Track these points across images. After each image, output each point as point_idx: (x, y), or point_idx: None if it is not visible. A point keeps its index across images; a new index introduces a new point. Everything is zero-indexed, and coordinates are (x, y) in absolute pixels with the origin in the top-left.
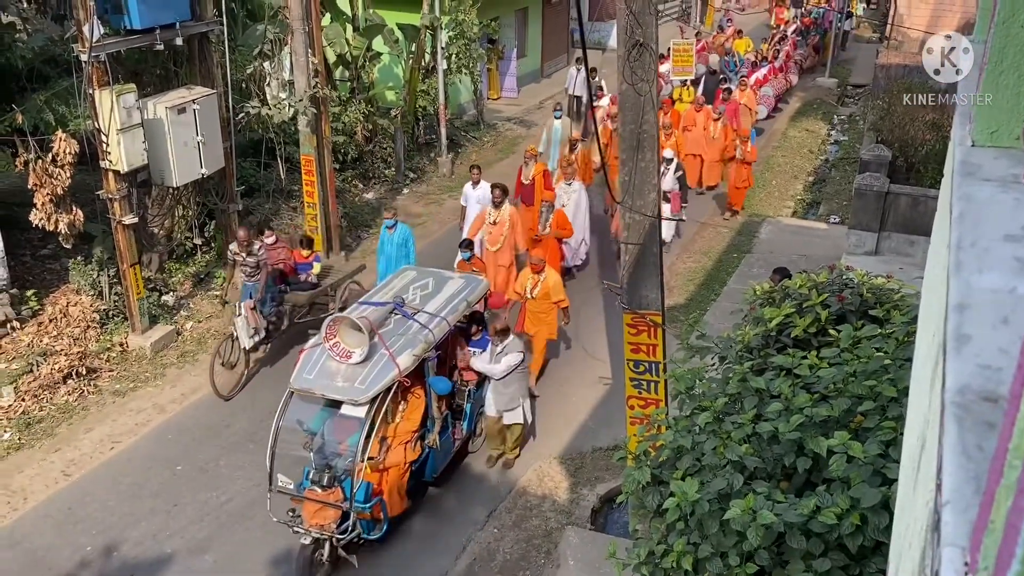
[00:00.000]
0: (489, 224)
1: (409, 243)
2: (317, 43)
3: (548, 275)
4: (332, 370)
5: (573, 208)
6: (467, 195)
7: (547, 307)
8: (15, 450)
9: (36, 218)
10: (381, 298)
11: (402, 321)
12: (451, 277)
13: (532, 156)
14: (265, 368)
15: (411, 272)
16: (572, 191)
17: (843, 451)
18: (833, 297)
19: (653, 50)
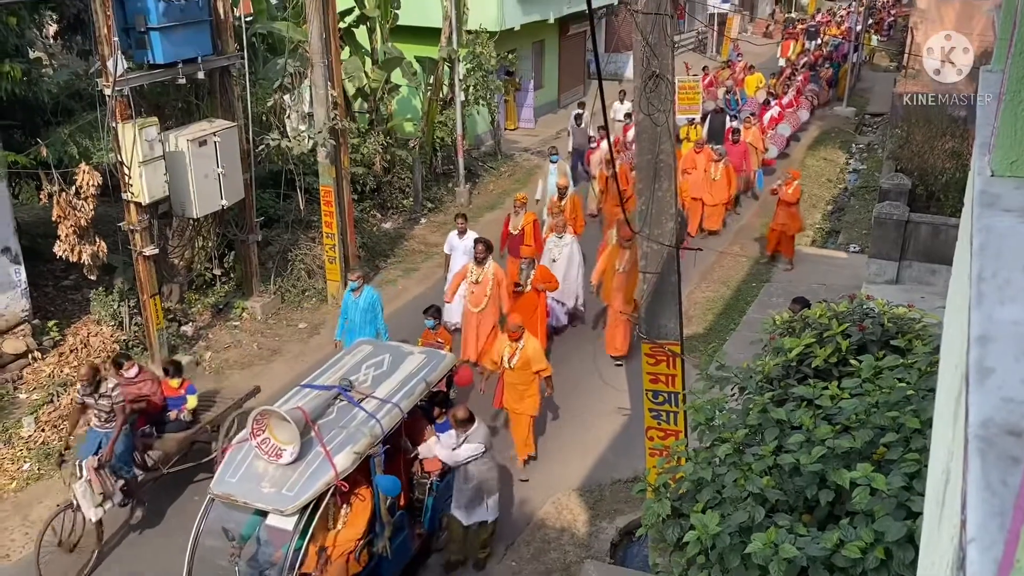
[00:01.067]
0: (471, 282)
1: (376, 307)
2: (336, 76)
3: (527, 342)
4: (259, 472)
5: (565, 263)
6: (452, 244)
7: (528, 378)
8: (34, 480)
9: (59, 249)
10: (327, 379)
11: (347, 409)
12: (411, 352)
13: (522, 204)
14: None
15: (366, 347)
16: (564, 244)
17: (866, 483)
18: (854, 327)
19: (670, 81)
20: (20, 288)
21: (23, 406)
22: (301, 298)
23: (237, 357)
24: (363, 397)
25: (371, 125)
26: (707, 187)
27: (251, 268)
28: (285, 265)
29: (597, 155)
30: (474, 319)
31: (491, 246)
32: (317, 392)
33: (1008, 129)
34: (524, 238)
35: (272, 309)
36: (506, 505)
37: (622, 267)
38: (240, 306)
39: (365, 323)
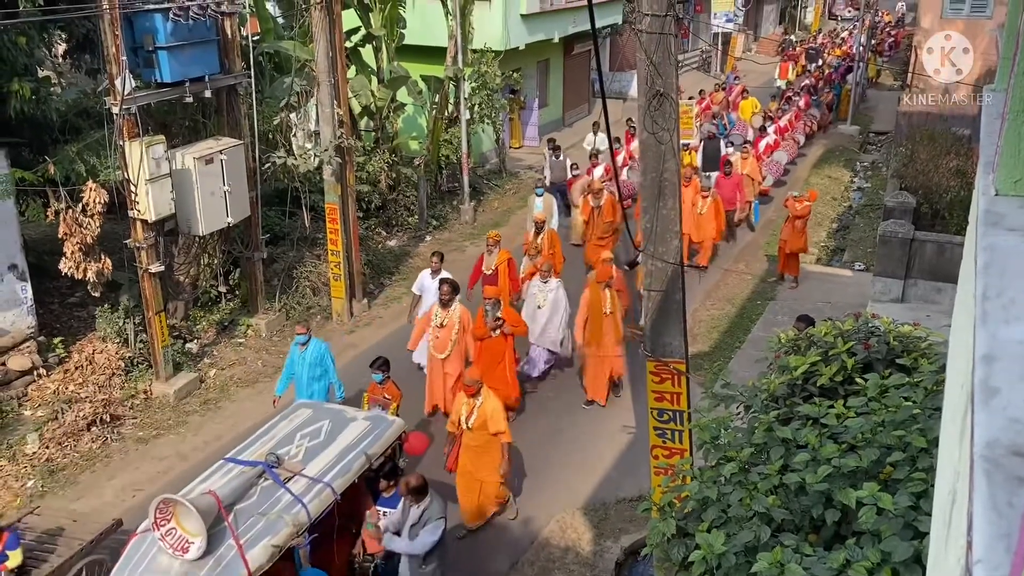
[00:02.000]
0: (435, 327)
1: (326, 361)
2: (343, 95)
3: (485, 399)
4: (163, 568)
5: (550, 309)
6: (424, 284)
7: (486, 440)
8: (39, 498)
9: (65, 266)
10: (255, 452)
11: (271, 490)
12: (353, 419)
13: (495, 243)
14: None
15: (305, 411)
16: (549, 289)
17: (873, 503)
18: (859, 345)
19: (674, 99)
20: (26, 305)
21: (28, 423)
22: (306, 315)
23: (242, 374)
24: (290, 476)
25: (377, 143)
26: (693, 222)
27: (256, 285)
28: (290, 282)
29: (580, 183)
30: (439, 366)
31: (457, 287)
32: (241, 468)
33: (1012, 148)
34: (498, 278)
35: (277, 326)
36: (509, 524)
37: (608, 309)
38: (245, 323)
39: (314, 379)
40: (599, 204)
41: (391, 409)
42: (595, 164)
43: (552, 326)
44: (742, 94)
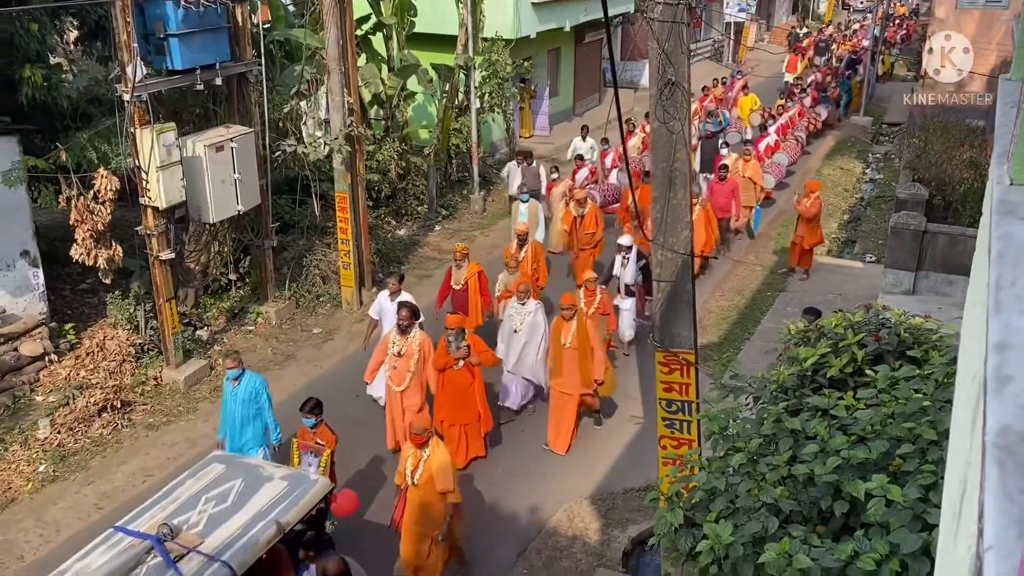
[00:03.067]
0: (392, 355)
1: (261, 399)
2: (353, 83)
3: (433, 452)
4: None
5: (527, 334)
6: (382, 307)
7: (434, 498)
8: (50, 482)
9: (76, 253)
10: (151, 519)
11: (158, 571)
12: (271, 477)
13: (463, 256)
14: None
15: (217, 468)
16: (527, 312)
17: (882, 495)
18: (869, 337)
19: (685, 89)
20: (38, 291)
21: (39, 408)
22: (316, 303)
23: (252, 362)
24: (183, 553)
25: (386, 132)
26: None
27: (266, 273)
28: (300, 271)
29: (559, 188)
30: (397, 400)
31: (417, 311)
32: (131, 541)
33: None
34: (468, 294)
35: (287, 314)
36: (517, 512)
37: (566, 341)
38: (255, 311)
39: (248, 418)
40: (581, 213)
41: (324, 456)
42: (579, 167)
43: (529, 353)
44: (743, 90)
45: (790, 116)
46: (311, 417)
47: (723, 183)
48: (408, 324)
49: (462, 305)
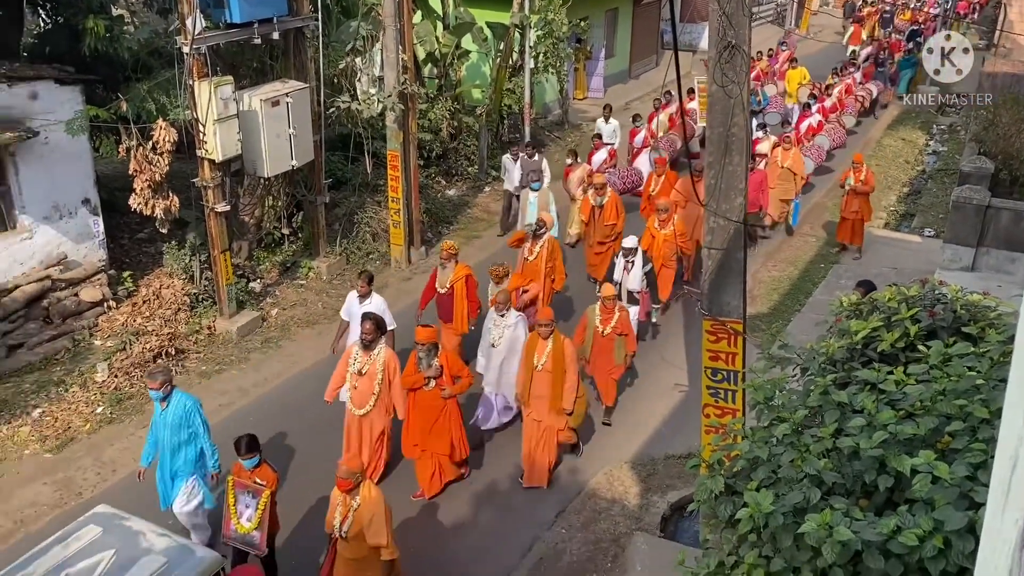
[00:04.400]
0: (354, 373)
1: (194, 421)
2: (408, 40)
3: (364, 501)
4: None
5: (506, 348)
6: (351, 310)
7: (366, 553)
8: (107, 423)
9: (135, 203)
10: None
11: None
12: (149, 550)
13: (449, 256)
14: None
15: (93, 531)
16: (506, 325)
17: (928, 471)
18: (924, 312)
19: (745, 52)
20: (98, 239)
21: (98, 352)
22: (365, 260)
23: (302, 315)
24: None
25: (439, 91)
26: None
27: (318, 229)
28: (351, 227)
29: (577, 173)
30: (356, 426)
31: (382, 325)
32: None
33: None
34: (454, 299)
35: (337, 270)
36: (557, 473)
37: (539, 362)
38: (307, 266)
39: (180, 445)
40: (601, 203)
41: (264, 497)
42: (597, 147)
43: (509, 370)
44: (790, 62)
45: (839, 93)
46: (249, 457)
47: (752, 173)
48: (372, 339)
49: (446, 310)
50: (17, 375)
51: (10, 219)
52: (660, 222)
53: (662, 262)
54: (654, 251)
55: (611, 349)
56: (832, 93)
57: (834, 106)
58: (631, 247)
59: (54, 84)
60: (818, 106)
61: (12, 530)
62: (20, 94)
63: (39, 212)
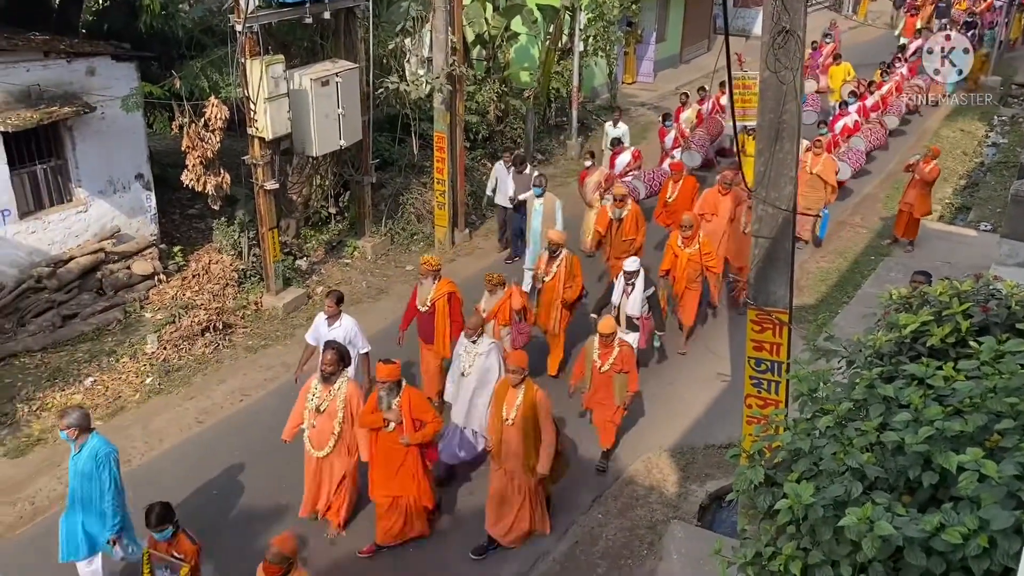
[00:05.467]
0: (311, 410)
1: (103, 470)
2: (457, 21)
3: None
4: None
5: (477, 379)
6: (318, 332)
7: None
8: (155, 394)
9: (187, 179)
10: None
11: None
12: None
13: (431, 270)
14: None
15: None
16: (478, 352)
17: (975, 469)
18: (976, 307)
19: (800, 38)
20: (150, 213)
21: (148, 324)
22: (410, 241)
23: (346, 293)
24: None
25: (487, 73)
26: (734, 242)
27: (364, 209)
28: (396, 208)
29: (594, 177)
30: (315, 468)
31: (345, 356)
32: None
33: None
34: (435, 318)
35: (382, 250)
36: (595, 459)
37: (509, 416)
38: (352, 245)
39: (93, 496)
40: (620, 215)
41: (182, 573)
42: (619, 151)
43: (480, 403)
44: (834, 57)
45: (882, 94)
46: (162, 529)
47: None
48: (333, 371)
49: (428, 330)
50: (71, 344)
51: (67, 192)
52: (684, 240)
53: (686, 284)
54: (677, 271)
55: (610, 387)
56: (875, 91)
57: (875, 104)
58: (633, 270)
59: (111, 60)
60: (857, 104)
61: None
62: (79, 69)
63: (94, 186)
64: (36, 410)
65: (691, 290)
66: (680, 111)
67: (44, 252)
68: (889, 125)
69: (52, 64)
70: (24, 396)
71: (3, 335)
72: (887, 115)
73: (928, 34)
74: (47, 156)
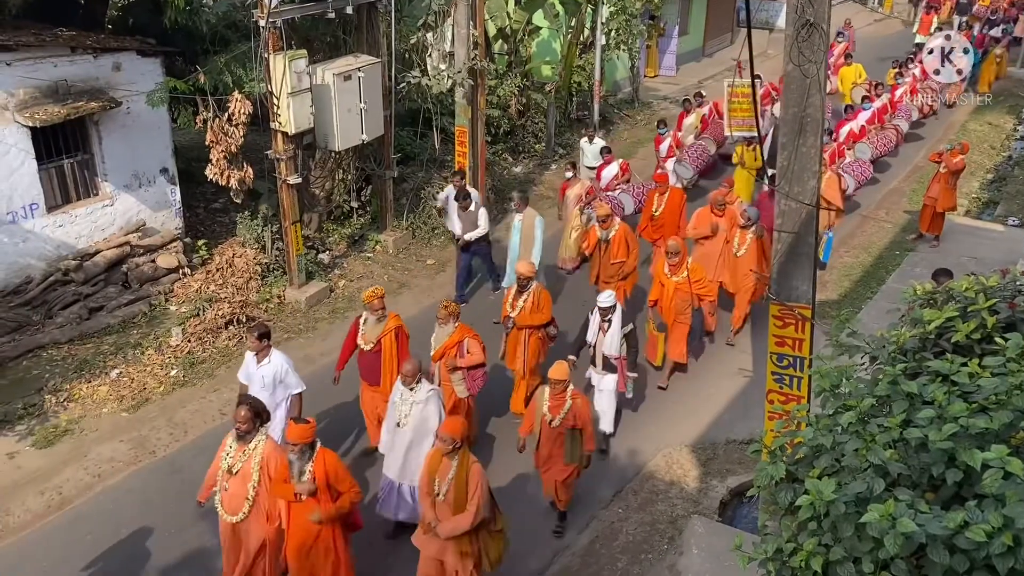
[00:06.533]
0: (224, 472)
1: None
2: (479, 15)
3: None
4: None
5: (413, 430)
6: (248, 371)
7: None
8: (179, 386)
9: (211, 173)
10: None
11: None
12: None
13: (379, 306)
14: None
15: None
16: (416, 400)
17: (1000, 466)
18: (1003, 303)
19: (824, 31)
20: (175, 207)
21: (173, 317)
22: (431, 235)
23: (368, 287)
24: None
25: (509, 67)
26: (727, 266)
27: (386, 203)
28: (417, 202)
29: (575, 190)
30: (229, 533)
31: (261, 412)
32: None
33: None
34: (382, 358)
35: (403, 244)
36: (616, 454)
37: (442, 492)
38: (374, 239)
39: None
40: (607, 237)
41: None
42: (608, 161)
43: (417, 457)
44: (845, 57)
45: (892, 97)
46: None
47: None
48: (247, 430)
49: (373, 371)
50: (97, 336)
51: (93, 186)
52: (671, 267)
53: (674, 316)
54: (664, 302)
55: (561, 444)
56: (882, 93)
57: (884, 108)
58: (608, 305)
59: (136, 56)
60: (872, 109)
61: (91, 483)
62: (105, 65)
63: (120, 180)
64: (63, 401)
65: (680, 323)
66: (683, 116)
67: (71, 245)
68: (903, 129)
69: (79, 59)
70: (52, 387)
71: (31, 327)
72: (897, 118)
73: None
74: (74, 151)
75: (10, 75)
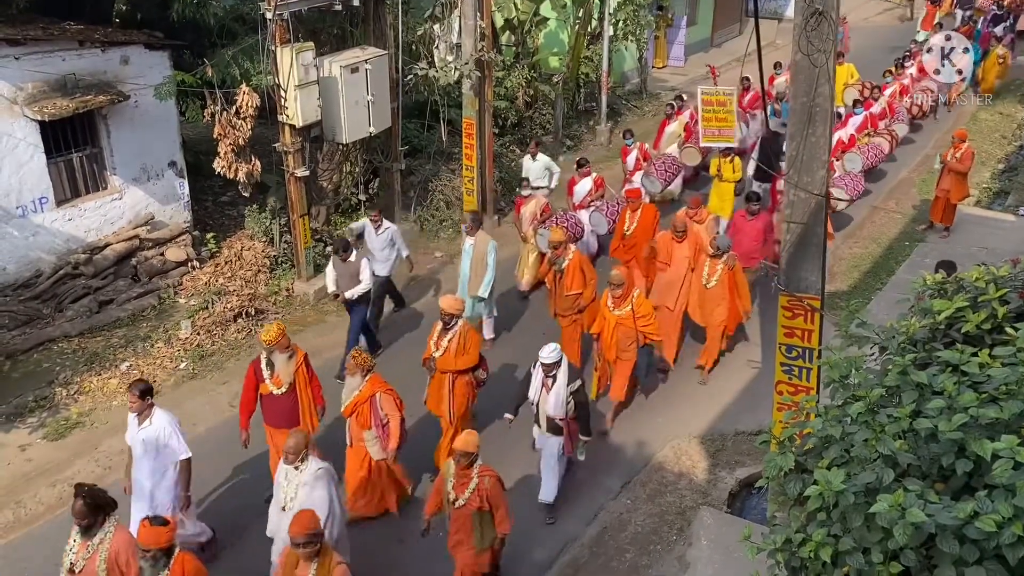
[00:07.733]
0: (66, 572)
1: None
2: (486, 7)
3: None
4: None
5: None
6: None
7: None
8: (189, 379)
9: (219, 166)
10: None
11: None
12: None
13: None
14: None
15: None
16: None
17: (1010, 456)
18: (1014, 293)
19: (833, 19)
20: (183, 201)
21: (182, 310)
22: (439, 228)
23: None
24: None
25: (516, 58)
26: (695, 298)
27: (394, 195)
28: (425, 194)
29: (530, 207)
30: None
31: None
32: None
33: None
34: (299, 395)
35: (411, 236)
36: (624, 445)
37: None
38: None
39: None
40: (561, 266)
41: None
42: (585, 173)
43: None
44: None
45: (887, 99)
46: None
47: (753, 219)
48: (88, 524)
49: (288, 415)
50: (107, 329)
51: (102, 180)
52: (614, 299)
53: (616, 352)
54: (605, 337)
55: (469, 526)
56: (880, 96)
57: (883, 112)
58: (551, 361)
59: (144, 49)
60: (864, 114)
61: (102, 475)
62: (113, 58)
63: (128, 173)
64: (74, 394)
65: (623, 360)
66: (665, 124)
67: (80, 239)
68: (900, 134)
69: (87, 53)
70: (62, 380)
71: (41, 320)
72: (896, 123)
73: (950, 23)
74: (83, 144)
75: (19, 69)
